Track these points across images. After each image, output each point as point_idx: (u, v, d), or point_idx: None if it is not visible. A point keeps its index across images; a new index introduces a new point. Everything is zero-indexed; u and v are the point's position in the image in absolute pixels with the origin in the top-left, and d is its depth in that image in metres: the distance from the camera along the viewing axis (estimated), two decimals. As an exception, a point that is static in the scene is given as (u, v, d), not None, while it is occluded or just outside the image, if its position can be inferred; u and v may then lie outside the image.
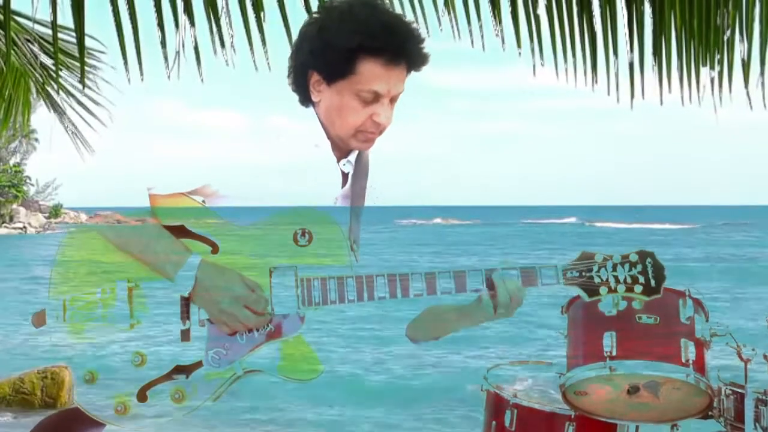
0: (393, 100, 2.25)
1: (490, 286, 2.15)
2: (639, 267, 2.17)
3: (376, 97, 2.21)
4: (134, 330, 2.18)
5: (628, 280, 2.17)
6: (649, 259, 2.18)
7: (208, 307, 2.16)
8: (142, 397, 2.18)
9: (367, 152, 2.43)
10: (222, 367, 2.18)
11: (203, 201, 2.18)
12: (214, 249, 2.18)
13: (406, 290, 2.15)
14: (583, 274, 2.17)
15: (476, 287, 2.16)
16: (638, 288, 2.17)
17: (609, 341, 2.79)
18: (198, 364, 2.18)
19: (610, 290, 2.17)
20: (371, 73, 2.18)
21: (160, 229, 2.17)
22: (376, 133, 2.27)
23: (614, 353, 2.78)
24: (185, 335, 2.17)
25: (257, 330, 2.18)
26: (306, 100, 2.29)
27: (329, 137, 2.30)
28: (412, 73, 2.26)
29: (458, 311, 2.31)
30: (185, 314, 2.17)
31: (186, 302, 2.17)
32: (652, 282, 2.17)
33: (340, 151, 2.33)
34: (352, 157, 2.36)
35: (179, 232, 2.18)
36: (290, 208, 2.19)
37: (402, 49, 2.20)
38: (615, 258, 2.17)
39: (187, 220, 2.18)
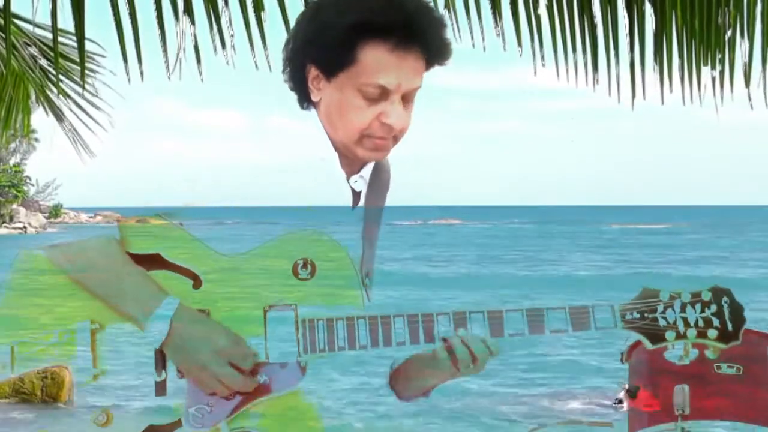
0: (407, 98, 1.79)
1: (447, 340, 1.78)
2: (713, 307, 1.81)
3: (384, 93, 1.76)
4: (98, 381, 1.81)
5: (700, 323, 1.81)
6: (725, 298, 1.82)
7: (184, 362, 1.78)
8: None
9: (388, 166, 1.99)
10: (206, 426, 1.81)
11: (180, 223, 1.84)
12: (196, 282, 1.81)
13: (430, 334, 1.78)
14: (646, 315, 1.81)
15: (513, 331, 1.80)
16: (712, 333, 1.81)
17: (680, 397, 2.36)
18: (176, 424, 1.81)
19: (679, 336, 1.80)
20: (375, 61, 1.73)
21: (129, 264, 1.80)
22: (386, 138, 1.81)
23: (687, 411, 2.36)
24: (160, 388, 1.80)
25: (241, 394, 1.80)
26: (305, 99, 1.88)
27: (336, 147, 1.88)
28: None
29: (425, 364, 1.87)
30: (161, 363, 1.80)
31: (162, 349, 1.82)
32: (729, 326, 1.81)
33: (350, 164, 1.90)
34: (366, 172, 1.91)
35: (154, 262, 1.80)
36: (289, 233, 1.83)
37: (414, 29, 1.74)
38: (684, 296, 1.82)
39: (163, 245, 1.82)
